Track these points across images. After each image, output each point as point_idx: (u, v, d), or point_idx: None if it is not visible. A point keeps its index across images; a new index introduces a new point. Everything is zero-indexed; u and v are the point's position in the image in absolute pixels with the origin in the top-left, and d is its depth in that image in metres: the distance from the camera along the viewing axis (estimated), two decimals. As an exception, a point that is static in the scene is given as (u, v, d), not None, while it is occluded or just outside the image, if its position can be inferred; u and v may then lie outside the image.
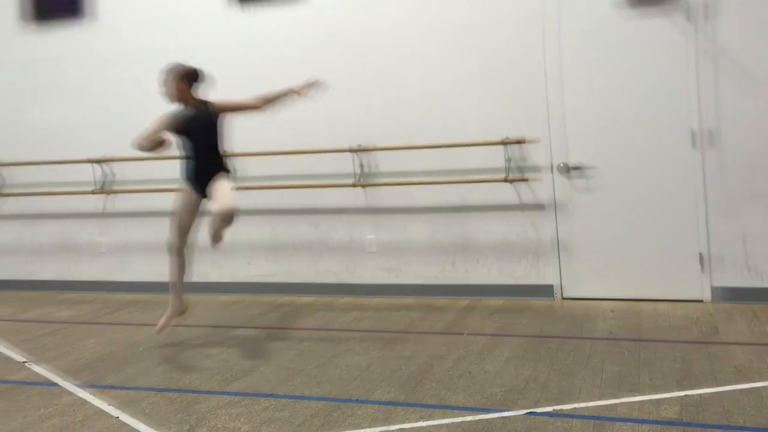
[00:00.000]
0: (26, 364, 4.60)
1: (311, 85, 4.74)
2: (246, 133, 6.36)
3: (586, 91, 5.58)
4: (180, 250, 4.82)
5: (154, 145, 4.69)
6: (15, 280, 7.24)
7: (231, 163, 4.92)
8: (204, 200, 4.81)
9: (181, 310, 4.95)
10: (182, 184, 4.87)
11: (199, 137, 4.76)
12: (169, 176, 6.61)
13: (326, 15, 6.14)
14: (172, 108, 4.83)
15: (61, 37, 6.86)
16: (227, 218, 4.54)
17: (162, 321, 4.89)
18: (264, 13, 6.30)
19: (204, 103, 4.78)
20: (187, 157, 4.82)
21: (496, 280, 5.93)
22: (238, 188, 6.34)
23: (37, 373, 4.41)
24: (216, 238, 4.73)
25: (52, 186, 6.95)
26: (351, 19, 6.09)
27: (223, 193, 4.60)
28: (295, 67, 6.22)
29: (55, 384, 4.19)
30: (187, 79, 4.75)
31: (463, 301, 5.87)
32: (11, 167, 7.07)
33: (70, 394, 4.01)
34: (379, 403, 3.67)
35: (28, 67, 6.96)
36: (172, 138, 4.72)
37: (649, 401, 3.52)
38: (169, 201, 6.66)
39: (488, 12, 5.74)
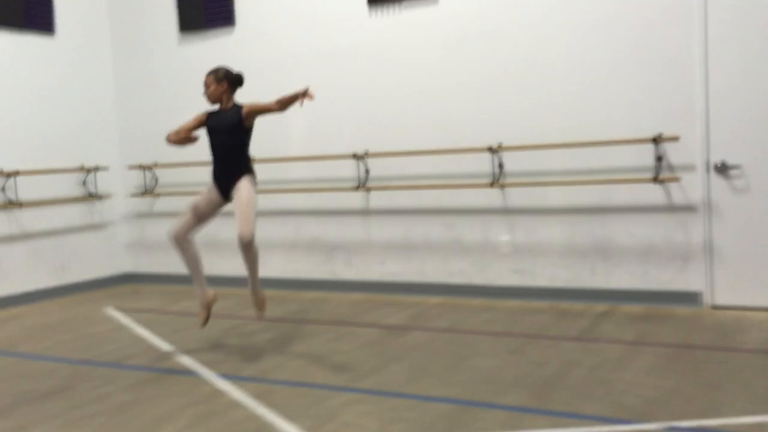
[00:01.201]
0: (173, 354, 4.89)
1: (308, 92, 4.44)
2: (381, 133, 6.46)
3: (743, 83, 5.19)
4: (180, 238, 4.77)
5: (180, 139, 4.73)
6: (165, 274, 7.73)
7: (254, 166, 4.85)
8: (226, 202, 4.83)
9: (207, 301, 4.88)
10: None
11: (221, 137, 4.79)
12: (304, 176, 6.84)
13: (462, 15, 6.10)
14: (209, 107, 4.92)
15: (213, 45, 7.25)
16: (243, 246, 4.61)
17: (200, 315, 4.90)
18: (401, 15, 6.34)
19: (235, 107, 4.81)
20: (212, 156, 4.87)
21: (637, 286, 5.64)
22: (375, 189, 6.48)
23: (182, 363, 4.67)
24: (257, 302, 4.85)
25: (200, 186, 7.34)
26: (486, 18, 6.00)
27: (240, 211, 4.59)
28: (432, 68, 6.25)
29: (197, 374, 4.42)
30: (227, 80, 4.82)
31: (601, 307, 5.62)
32: (165, 168, 7.56)
33: (211, 383, 4.21)
34: (509, 408, 3.58)
35: (185, 74, 7.41)
36: (196, 135, 4.72)
37: (809, 422, 3.21)
38: (303, 200, 6.91)
39: (633, 1, 5.47)
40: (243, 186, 4.70)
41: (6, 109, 6.85)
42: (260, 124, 6.98)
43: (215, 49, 7.23)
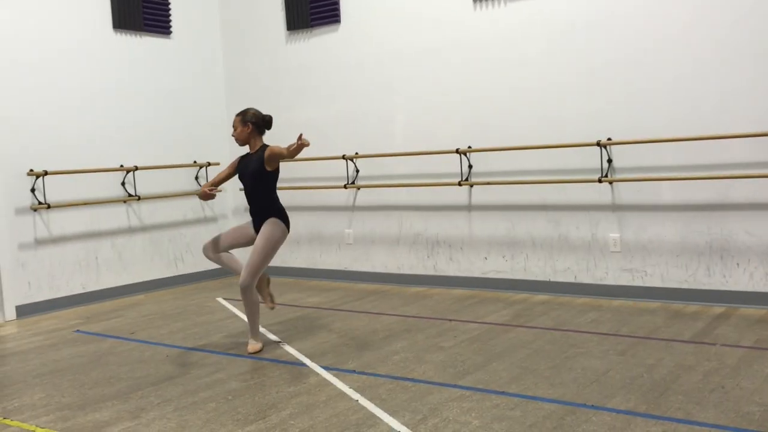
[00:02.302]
0: (280, 344, 5.02)
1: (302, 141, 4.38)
2: (484, 128, 6.39)
3: None
4: (208, 251, 4.92)
5: (201, 195, 4.92)
6: (272, 266, 7.93)
7: (280, 208, 4.89)
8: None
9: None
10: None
11: (247, 181, 4.90)
12: (407, 172, 6.86)
13: (566, 5, 5.93)
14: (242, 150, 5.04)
15: (319, 42, 7.39)
16: (240, 290, 4.74)
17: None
18: (506, 8, 6.25)
19: (261, 150, 4.86)
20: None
21: (759, 287, 5.32)
22: (478, 184, 6.42)
23: (288, 353, 4.79)
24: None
25: (309, 181, 7.52)
26: (591, 7, 5.82)
27: (250, 257, 4.74)
28: (537, 61, 6.12)
29: (303, 364, 4.52)
30: (253, 123, 4.86)
31: (718, 309, 5.34)
32: (272, 164, 7.77)
33: (316, 374, 4.30)
34: (617, 411, 3.46)
35: (292, 72, 7.59)
36: (215, 191, 4.90)
37: None
38: (406, 195, 6.92)
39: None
40: (263, 232, 4.80)
41: (125, 108, 7.24)
42: (363, 119, 7.10)
43: (321, 47, 7.37)
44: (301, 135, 4.38)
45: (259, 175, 4.84)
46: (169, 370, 4.55)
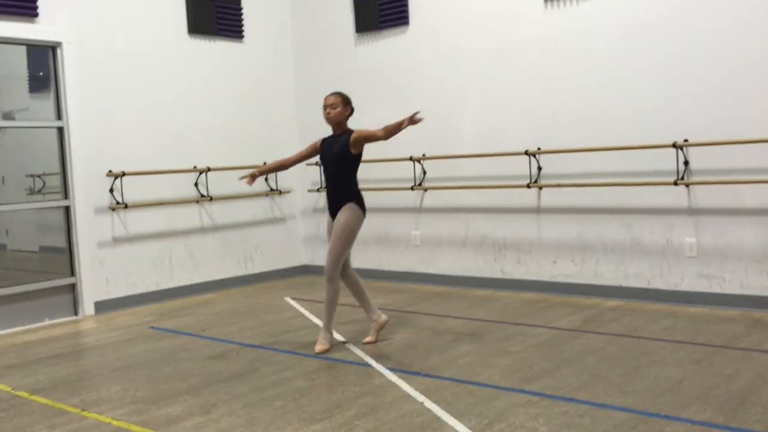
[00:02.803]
0: (346, 345, 5.06)
1: (414, 118, 4.41)
2: (554, 129, 6.29)
3: None
4: (332, 277, 4.81)
5: (248, 176, 5.04)
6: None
7: (357, 192, 4.87)
8: None
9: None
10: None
11: (328, 165, 4.89)
12: (475, 173, 6.80)
13: (638, 4, 5.77)
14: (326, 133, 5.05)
15: (387, 44, 7.41)
16: (326, 279, 4.78)
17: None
18: (578, 7, 6.12)
19: (346, 134, 4.83)
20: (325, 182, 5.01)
21: None
22: (547, 186, 6.32)
23: (355, 354, 4.81)
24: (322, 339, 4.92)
25: (376, 182, 7.54)
26: (668, 6, 5.64)
27: (330, 245, 4.77)
28: (609, 60, 5.98)
29: (369, 365, 4.53)
30: (350, 107, 4.91)
31: (801, 318, 5.10)
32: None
33: (382, 375, 4.30)
34: (692, 422, 3.34)
35: (361, 73, 7.63)
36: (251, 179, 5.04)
37: None
38: (474, 197, 6.87)
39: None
40: (341, 217, 4.80)
41: (199, 111, 7.43)
42: (430, 121, 7.05)
43: (389, 49, 7.39)
44: (414, 115, 4.39)
45: (342, 158, 4.84)
46: (239, 367, 4.64)
